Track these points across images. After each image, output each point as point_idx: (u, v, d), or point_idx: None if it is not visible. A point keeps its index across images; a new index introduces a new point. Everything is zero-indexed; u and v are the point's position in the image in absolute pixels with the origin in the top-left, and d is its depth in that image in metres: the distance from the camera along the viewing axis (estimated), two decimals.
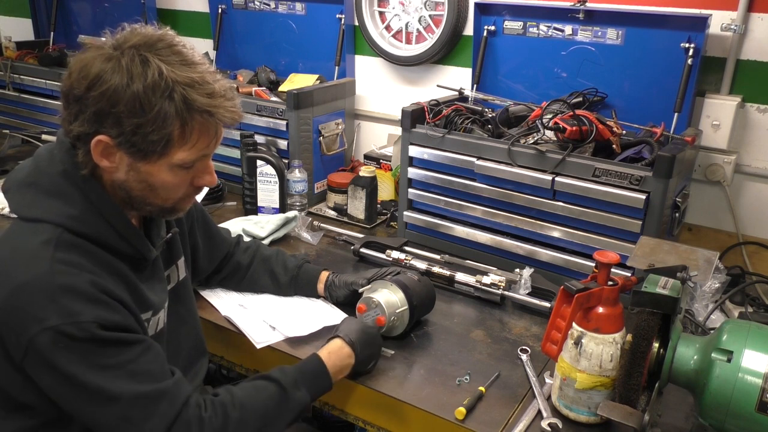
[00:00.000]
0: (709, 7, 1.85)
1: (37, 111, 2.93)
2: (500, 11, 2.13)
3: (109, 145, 1.07)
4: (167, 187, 1.13)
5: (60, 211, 1.09)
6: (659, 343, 1.14)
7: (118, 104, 1.03)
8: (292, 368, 1.26)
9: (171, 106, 1.04)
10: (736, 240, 1.95)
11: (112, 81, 1.02)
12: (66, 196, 1.10)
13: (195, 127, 1.08)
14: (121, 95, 1.02)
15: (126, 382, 1.05)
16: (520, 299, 1.69)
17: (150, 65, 1.04)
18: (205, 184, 1.18)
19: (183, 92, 1.04)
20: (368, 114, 2.61)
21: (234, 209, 2.33)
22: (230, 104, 1.10)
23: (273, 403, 1.19)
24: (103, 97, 1.03)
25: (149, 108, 1.03)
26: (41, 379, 1.06)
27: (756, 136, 1.90)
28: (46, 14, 3.35)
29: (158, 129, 1.04)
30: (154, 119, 1.03)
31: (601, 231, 1.69)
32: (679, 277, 1.18)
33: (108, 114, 1.04)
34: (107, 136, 1.05)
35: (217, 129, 1.12)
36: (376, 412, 1.39)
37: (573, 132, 1.71)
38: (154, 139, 1.05)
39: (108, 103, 1.03)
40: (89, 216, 1.10)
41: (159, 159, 1.09)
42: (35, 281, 1.02)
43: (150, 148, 1.06)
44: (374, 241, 1.96)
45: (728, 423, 1.05)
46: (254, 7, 2.70)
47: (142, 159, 1.08)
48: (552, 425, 1.25)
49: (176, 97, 1.04)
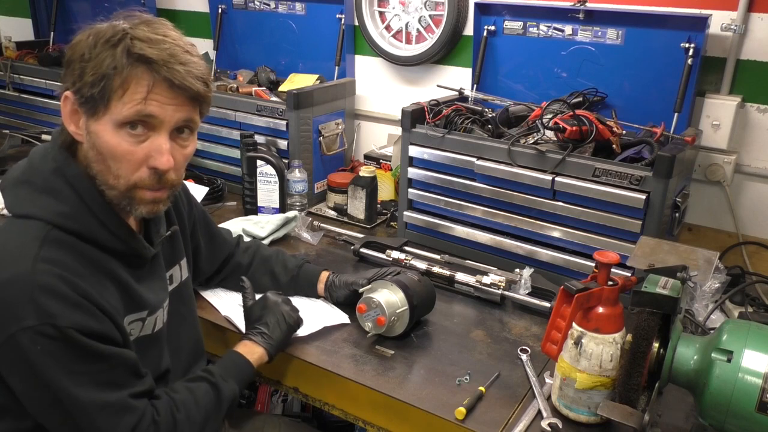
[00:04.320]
0: (709, 7, 1.85)
1: (37, 111, 2.93)
2: (500, 11, 2.13)
3: (71, 101, 1.10)
4: (114, 154, 1.08)
5: (51, 207, 1.09)
6: (659, 343, 1.14)
7: (74, 53, 1.08)
8: (215, 366, 1.32)
9: (112, 51, 1.05)
10: (736, 240, 1.95)
11: (80, 36, 1.09)
12: (57, 192, 1.10)
13: (132, 76, 1.05)
14: (80, 45, 1.08)
15: (95, 391, 1.05)
16: (520, 299, 1.69)
17: (116, 26, 1.08)
18: (157, 165, 1.09)
19: (129, 43, 1.06)
20: (368, 114, 2.61)
21: (234, 209, 2.33)
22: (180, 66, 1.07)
23: (209, 398, 1.24)
24: (70, 49, 1.10)
25: (95, 53, 1.06)
26: (11, 378, 1.05)
27: (756, 136, 1.90)
28: (46, 14, 3.35)
29: (96, 71, 1.05)
30: (94, 60, 1.06)
31: (601, 231, 1.69)
32: (679, 277, 1.18)
33: (70, 62, 1.09)
34: (70, 92, 1.09)
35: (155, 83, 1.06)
36: (376, 412, 1.39)
37: (573, 132, 1.71)
38: (92, 81, 1.05)
39: (71, 52, 1.09)
40: (80, 213, 1.10)
41: (104, 113, 1.07)
42: (16, 279, 1.02)
43: (92, 93, 1.06)
44: (374, 241, 1.96)
45: (728, 423, 1.05)
46: (254, 7, 2.71)
47: (92, 115, 1.08)
48: (552, 425, 1.25)
49: (120, 45, 1.06)
